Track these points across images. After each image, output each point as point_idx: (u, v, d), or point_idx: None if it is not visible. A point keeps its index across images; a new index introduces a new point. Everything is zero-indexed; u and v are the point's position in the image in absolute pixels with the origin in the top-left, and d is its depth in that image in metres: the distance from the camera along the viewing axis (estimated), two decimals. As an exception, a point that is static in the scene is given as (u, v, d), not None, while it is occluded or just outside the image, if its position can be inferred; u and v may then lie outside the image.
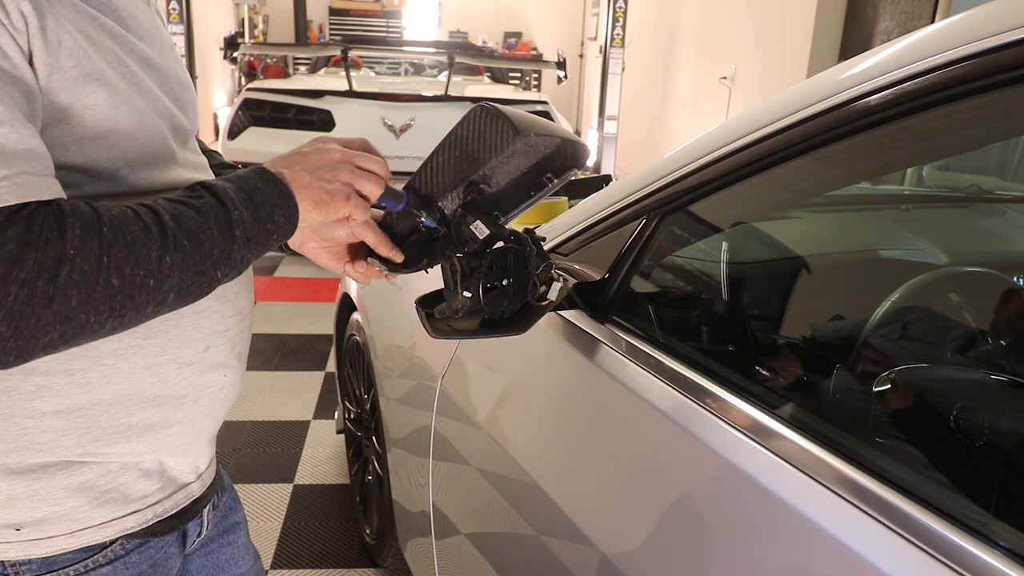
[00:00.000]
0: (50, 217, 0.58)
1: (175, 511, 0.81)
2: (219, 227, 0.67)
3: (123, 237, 0.60)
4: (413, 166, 0.87)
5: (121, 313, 0.61)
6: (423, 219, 0.83)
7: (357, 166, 0.76)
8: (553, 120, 4.82)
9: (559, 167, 0.86)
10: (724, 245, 1.18)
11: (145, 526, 0.78)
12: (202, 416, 0.81)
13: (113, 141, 0.67)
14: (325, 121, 4.66)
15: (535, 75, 10.47)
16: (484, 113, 0.78)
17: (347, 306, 2.22)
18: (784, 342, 1.06)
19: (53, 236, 0.57)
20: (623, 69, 6.76)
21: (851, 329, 1.04)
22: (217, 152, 0.98)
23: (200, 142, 0.95)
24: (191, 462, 0.83)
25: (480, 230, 0.83)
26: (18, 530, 0.72)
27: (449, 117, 4.74)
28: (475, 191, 0.84)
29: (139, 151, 0.70)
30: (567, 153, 0.86)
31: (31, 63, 0.61)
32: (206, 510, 0.88)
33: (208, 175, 0.82)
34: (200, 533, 0.88)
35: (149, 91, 0.71)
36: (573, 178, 0.89)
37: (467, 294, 0.86)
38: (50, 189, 0.60)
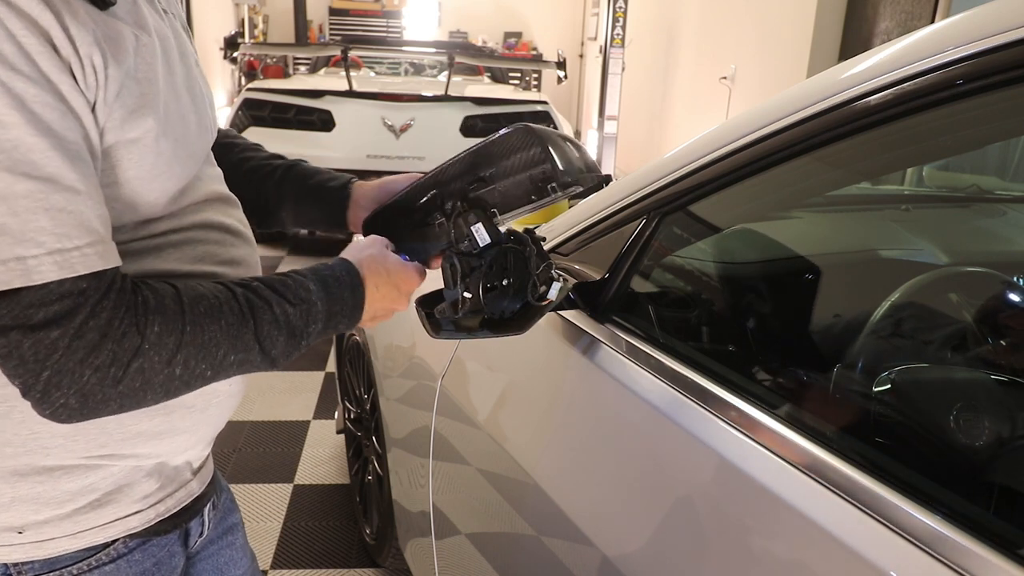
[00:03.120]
0: (131, 311, 0.61)
1: (177, 509, 0.82)
2: (288, 337, 0.72)
3: (200, 337, 0.65)
4: (413, 166, 0.88)
5: (175, 392, 0.67)
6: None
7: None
8: (553, 122, 4.81)
9: (566, 182, 0.86)
10: (724, 245, 1.18)
11: (148, 525, 0.79)
12: (206, 425, 0.82)
13: (156, 173, 0.68)
14: (325, 121, 4.66)
15: (535, 75, 10.46)
16: (529, 138, 0.83)
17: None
18: (784, 342, 1.06)
19: (131, 331, 0.61)
20: (623, 69, 6.75)
21: (851, 329, 1.04)
22: (259, 145, 1.03)
23: (229, 130, 1.01)
24: (187, 462, 0.83)
25: (480, 233, 0.83)
26: (20, 533, 0.72)
27: (449, 117, 4.74)
28: (479, 184, 0.85)
29: (176, 178, 0.71)
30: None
31: (93, 114, 0.61)
32: (207, 509, 0.88)
33: (220, 185, 0.83)
34: (202, 533, 0.89)
35: (185, 115, 0.72)
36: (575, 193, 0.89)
37: (467, 294, 0.86)
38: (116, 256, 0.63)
